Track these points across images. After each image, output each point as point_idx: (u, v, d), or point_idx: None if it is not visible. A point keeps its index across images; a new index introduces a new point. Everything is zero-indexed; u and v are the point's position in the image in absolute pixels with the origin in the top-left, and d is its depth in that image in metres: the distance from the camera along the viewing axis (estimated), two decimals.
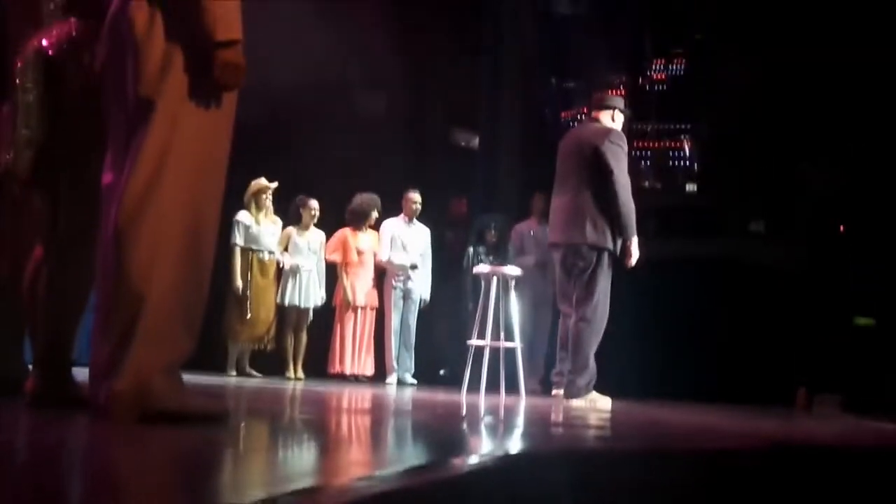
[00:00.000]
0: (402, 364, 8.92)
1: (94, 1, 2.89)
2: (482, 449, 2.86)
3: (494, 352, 6.80)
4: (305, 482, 1.71)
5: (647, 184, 11.55)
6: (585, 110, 6.55)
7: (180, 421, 2.52)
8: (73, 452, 2.17)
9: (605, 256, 6.05)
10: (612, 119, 6.33)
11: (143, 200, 2.52)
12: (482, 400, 5.97)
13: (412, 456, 2.61)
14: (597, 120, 6.37)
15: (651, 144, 11.71)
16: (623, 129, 6.46)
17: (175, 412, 2.52)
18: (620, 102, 6.54)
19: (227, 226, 8.46)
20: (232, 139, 2.73)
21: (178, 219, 2.55)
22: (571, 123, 11.38)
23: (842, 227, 9.99)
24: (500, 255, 8.74)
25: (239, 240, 8.48)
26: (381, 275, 9.12)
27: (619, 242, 6.06)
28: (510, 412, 4.78)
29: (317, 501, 1.51)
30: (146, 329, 2.49)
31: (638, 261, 6.17)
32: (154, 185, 2.52)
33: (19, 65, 2.99)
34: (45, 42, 2.96)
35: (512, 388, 6.79)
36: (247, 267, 8.50)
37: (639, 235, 6.19)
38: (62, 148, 2.97)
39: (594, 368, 6.09)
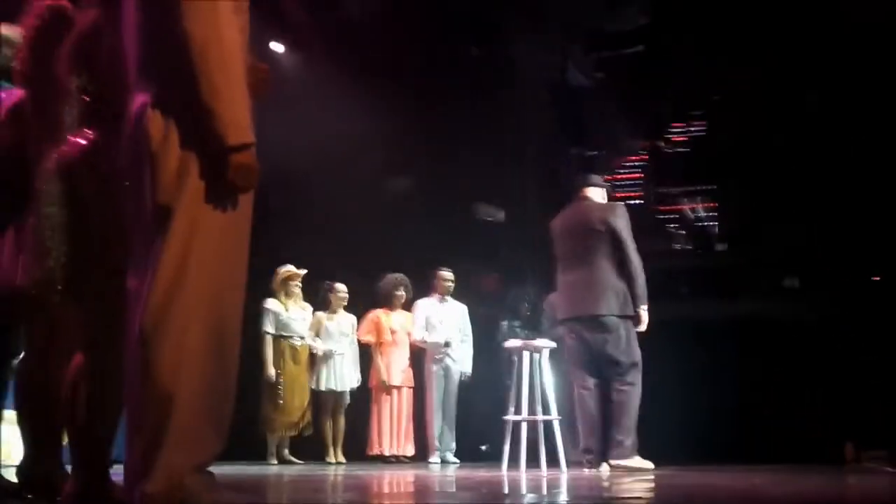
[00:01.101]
0: (444, 442, 8.89)
1: (108, 108, 3.00)
2: None
3: (535, 426, 6.76)
4: None
5: (678, 246, 11.52)
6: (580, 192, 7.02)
7: None
8: None
9: (630, 323, 6.55)
10: (602, 196, 6.91)
11: (167, 302, 2.58)
12: (523, 476, 5.92)
13: None
14: (587, 198, 6.85)
15: (677, 207, 11.71)
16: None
17: None
18: (601, 180, 7.19)
19: (256, 314, 8.57)
20: (250, 234, 2.80)
21: (202, 319, 2.61)
22: None
23: (877, 277, 9.90)
24: (534, 327, 8.74)
25: (269, 328, 8.58)
26: (417, 354, 9.15)
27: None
28: (552, 487, 4.74)
29: None
30: (176, 429, 2.53)
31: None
32: (177, 287, 2.59)
33: (41, 179, 3.11)
34: (63, 155, 3.07)
35: (554, 461, 6.73)
36: (279, 355, 8.58)
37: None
38: (88, 257, 3.07)
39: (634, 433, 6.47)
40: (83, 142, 3.09)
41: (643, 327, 6.57)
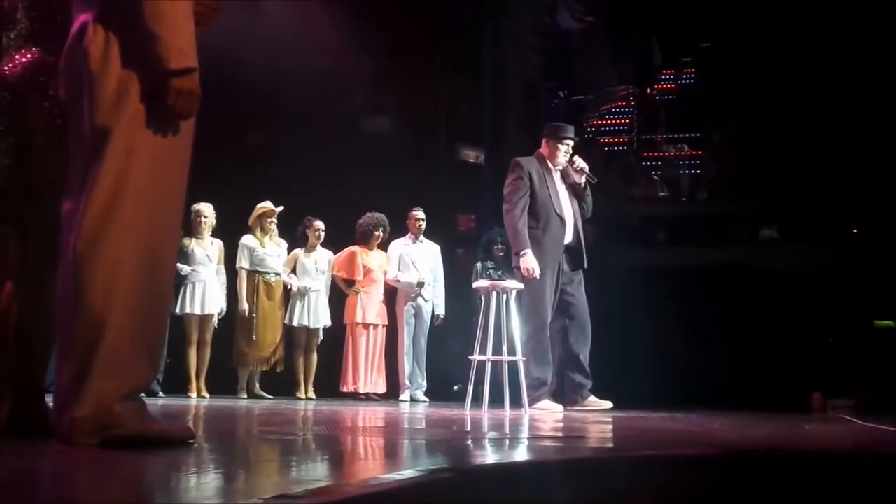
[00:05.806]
0: (414, 381, 8.93)
1: (54, 30, 2.93)
2: (484, 459, 2.92)
3: (501, 367, 6.78)
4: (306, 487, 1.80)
5: (659, 193, 11.50)
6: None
7: (143, 446, 2.54)
8: (36, 478, 2.18)
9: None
10: (545, 145, 7.24)
11: (101, 228, 2.54)
12: (485, 414, 5.95)
13: (413, 465, 2.61)
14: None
15: (662, 154, 11.66)
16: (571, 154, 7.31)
17: (137, 437, 2.54)
18: (566, 131, 7.32)
19: (233, 250, 8.57)
20: (190, 165, 2.75)
21: (135, 246, 2.57)
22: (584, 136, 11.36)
23: (855, 230, 9.91)
24: (507, 268, 8.74)
25: (245, 263, 8.58)
26: (392, 293, 9.14)
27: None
28: (513, 426, 4.77)
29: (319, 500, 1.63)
30: (106, 356, 2.51)
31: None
32: (111, 213, 2.55)
33: None
34: (6, 70, 3.00)
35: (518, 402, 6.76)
36: (253, 290, 8.58)
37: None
38: (29, 179, 3.01)
39: (541, 379, 6.94)
40: (29, 60, 3.02)
41: (524, 274, 6.96)
